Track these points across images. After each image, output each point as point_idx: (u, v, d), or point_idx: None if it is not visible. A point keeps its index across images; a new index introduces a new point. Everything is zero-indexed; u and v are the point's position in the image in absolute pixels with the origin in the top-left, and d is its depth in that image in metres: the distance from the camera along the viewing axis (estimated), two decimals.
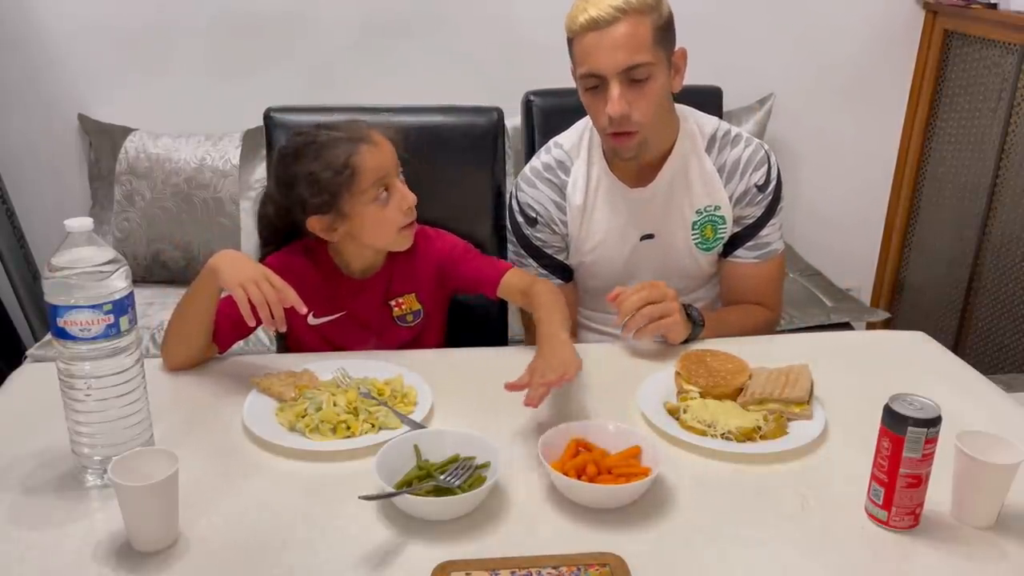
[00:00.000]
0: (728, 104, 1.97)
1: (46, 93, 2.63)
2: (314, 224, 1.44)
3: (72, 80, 2.63)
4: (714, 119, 1.59)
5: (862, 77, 2.87)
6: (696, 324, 1.46)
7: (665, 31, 1.42)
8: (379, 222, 1.44)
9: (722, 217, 1.56)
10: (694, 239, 1.58)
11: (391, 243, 1.48)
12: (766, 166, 1.55)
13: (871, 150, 2.98)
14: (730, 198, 1.55)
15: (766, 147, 1.58)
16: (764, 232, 1.57)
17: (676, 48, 1.46)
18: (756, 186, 1.54)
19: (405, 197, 1.43)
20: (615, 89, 1.40)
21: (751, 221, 1.56)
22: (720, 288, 1.66)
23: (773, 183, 1.56)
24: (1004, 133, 2.55)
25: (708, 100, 1.63)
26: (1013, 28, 2.48)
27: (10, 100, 2.62)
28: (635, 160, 1.51)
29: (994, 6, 2.59)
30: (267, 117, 1.74)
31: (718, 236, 1.58)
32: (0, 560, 0.95)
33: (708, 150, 1.55)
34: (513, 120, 2.09)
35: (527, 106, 1.93)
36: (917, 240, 3.01)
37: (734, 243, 1.59)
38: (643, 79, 1.40)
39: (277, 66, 2.65)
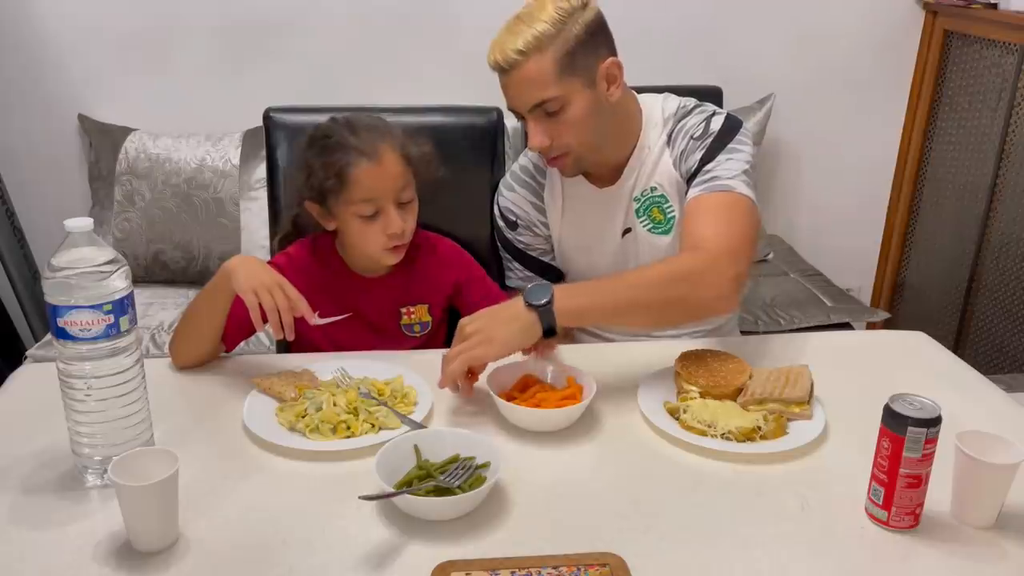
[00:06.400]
0: (728, 104, 1.97)
1: (46, 93, 2.63)
2: (310, 207, 1.48)
3: (72, 80, 2.63)
4: (679, 99, 1.55)
5: (862, 77, 2.87)
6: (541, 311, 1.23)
7: (576, 55, 1.38)
8: (360, 236, 1.45)
9: (663, 196, 1.52)
10: (645, 225, 1.54)
11: (374, 257, 1.48)
12: (705, 121, 1.49)
13: (871, 150, 2.98)
14: (674, 164, 1.50)
15: (717, 110, 1.52)
16: (709, 167, 1.45)
17: (607, 58, 1.42)
18: (692, 137, 1.48)
19: (391, 224, 1.42)
20: (530, 124, 1.42)
21: (695, 166, 1.47)
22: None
23: (714, 131, 1.47)
24: (1004, 133, 2.55)
25: (708, 100, 1.63)
26: (1013, 28, 2.48)
27: (10, 100, 2.62)
28: (580, 174, 1.52)
29: (994, 6, 2.59)
30: (267, 117, 1.74)
31: (669, 216, 1.53)
32: (0, 560, 0.95)
33: (667, 126, 1.53)
34: (513, 120, 2.09)
35: None
36: (917, 240, 3.01)
37: (687, 193, 1.48)
38: (556, 111, 1.40)
39: (277, 66, 2.65)
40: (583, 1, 1.40)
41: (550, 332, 1.24)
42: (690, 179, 1.47)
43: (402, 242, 1.46)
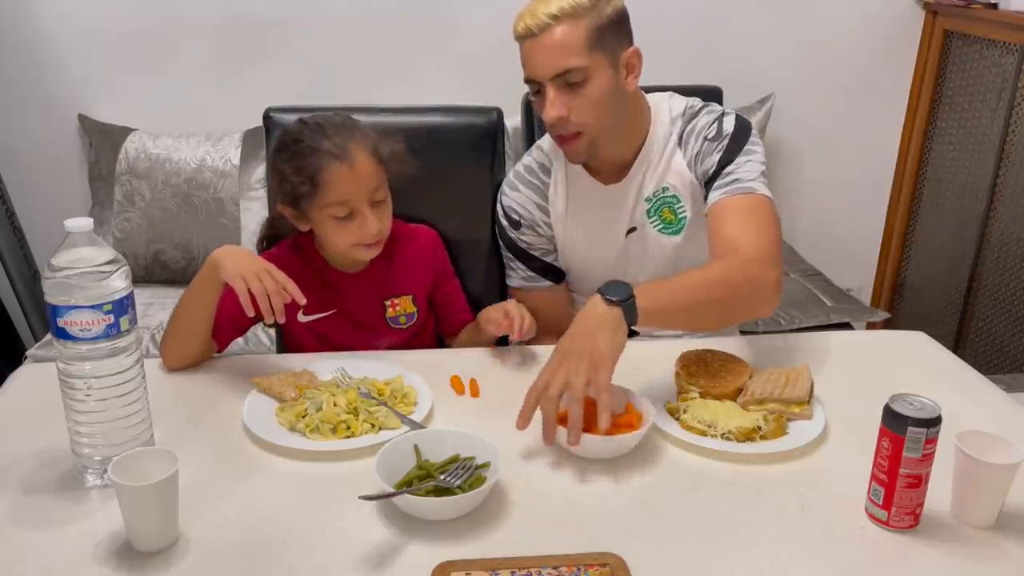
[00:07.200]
0: (728, 104, 1.97)
1: (46, 93, 2.63)
2: (283, 210, 1.48)
3: (72, 80, 2.63)
4: (685, 99, 1.56)
5: (862, 77, 2.87)
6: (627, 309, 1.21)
7: (606, 32, 1.39)
8: (335, 236, 1.45)
9: (675, 196, 1.53)
10: (655, 226, 1.55)
11: (350, 255, 1.48)
12: (717, 122, 1.50)
13: (871, 150, 2.98)
14: (688, 165, 1.51)
15: (726, 110, 1.53)
16: (729, 169, 1.45)
17: (629, 47, 1.44)
18: (706, 139, 1.49)
19: (365, 226, 1.42)
20: (551, 93, 1.41)
21: (713, 169, 1.47)
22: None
23: (728, 132, 1.48)
24: (1004, 133, 2.55)
25: (708, 100, 1.63)
26: (1013, 28, 2.48)
27: (10, 100, 2.62)
28: (591, 161, 1.52)
29: (994, 6, 2.59)
30: (267, 117, 1.74)
31: (680, 217, 1.53)
32: (0, 560, 0.95)
33: (676, 126, 1.53)
34: (513, 120, 2.09)
35: (527, 106, 1.93)
36: (917, 240, 3.01)
37: (706, 195, 1.47)
38: (579, 82, 1.39)
39: (277, 66, 2.65)
40: None
41: (630, 332, 1.21)
42: (709, 181, 1.47)
43: (378, 240, 1.46)
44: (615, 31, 1.42)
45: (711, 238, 1.43)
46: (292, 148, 1.43)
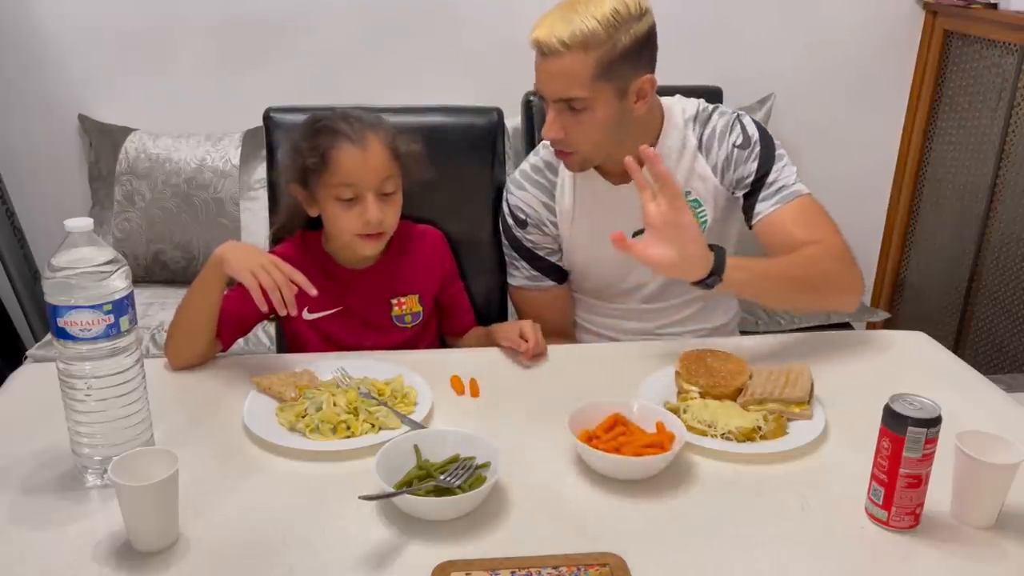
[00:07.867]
0: (728, 104, 1.97)
1: (46, 93, 2.63)
2: (294, 190, 1.49)
3: (72, 80, 2.63)
4: (695, 101, 1.58)
5: (862, 77, 2.87)
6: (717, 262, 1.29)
7: (617, 64, 1.37)
8: (337, 221, 1.46)
9: (697, 201, 1.53)
10: None
11: (349, 245, 1.48)
12: (739, 126, 1.52)
13: (871, 150, 2.98)
14: (713, 170, 1.52)
15: (738, 112, 1.55)
16: (771, 179, 1.50)
17: (645, 75, 1.42)
18: (735, 146, 1.51)
19: (366, 212, 1.43)
20: (550, 114, 1.42)
21: (752, 177, 1.50)
22: (767, 253, 1.54)
23: (755, 137, 1.51)
24: (1004, 133, 2.55)
25: (708, 100, 1.64)
26: (1013, 28, 2.48)
27: (10, 100, 2.62)
28: (585, 170, 1.53)
29: (994, 6, 2.59)
30: (267, 117, 1.74)
31: (701, 221, 1.53)
32: (0, 560, 0.95)
33: (693, 130, 1.54)
34: (513, 120, 2.09)
35: (527, 106, 1.93)
36: (917, 240, 3.01)
37: (751, 205, 1.51)
38: (580, 109, 1.40)
39: (277, 66, 2.65)
40: (642, 10, 1.39)
41: (714, 275, 1.28)
42: (750, 192, 1.50)
43: (378, 231, 1.46)
44: (630, 61, 1.39)
45: (778, 247, 1.47)
46: (313, 127, 1.46)
